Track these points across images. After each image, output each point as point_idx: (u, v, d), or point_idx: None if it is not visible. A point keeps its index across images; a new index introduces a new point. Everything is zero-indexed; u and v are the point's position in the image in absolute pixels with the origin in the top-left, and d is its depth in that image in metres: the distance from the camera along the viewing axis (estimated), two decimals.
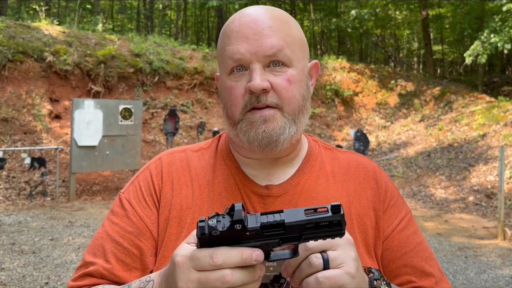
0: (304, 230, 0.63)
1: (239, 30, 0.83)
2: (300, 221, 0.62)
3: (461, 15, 20.45)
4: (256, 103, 0.82)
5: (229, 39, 0.84)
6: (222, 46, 0.87)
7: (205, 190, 0.91)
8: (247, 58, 0.82)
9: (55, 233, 6.17)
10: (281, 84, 0.82)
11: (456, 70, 25.45)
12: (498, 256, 5.86)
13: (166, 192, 0.91)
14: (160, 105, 12.08)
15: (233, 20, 0.86)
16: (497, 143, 10.50)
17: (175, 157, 0.96)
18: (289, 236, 0.63)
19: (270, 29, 0.83)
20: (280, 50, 0.82)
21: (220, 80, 0.91)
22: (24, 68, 10.34)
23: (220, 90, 0.91)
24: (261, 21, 0.83)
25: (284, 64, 0.83)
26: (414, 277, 0.89)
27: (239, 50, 0.82)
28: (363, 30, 20.44)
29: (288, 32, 0.85)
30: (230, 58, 0.83)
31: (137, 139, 9.17)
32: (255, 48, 0.81)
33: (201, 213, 0.88)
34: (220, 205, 0.88)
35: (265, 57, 0.82)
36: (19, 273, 4.73)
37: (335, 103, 15.18)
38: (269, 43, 0.81)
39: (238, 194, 0.89)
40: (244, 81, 0.83)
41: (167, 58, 12.61)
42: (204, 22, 28.29)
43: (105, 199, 8.65)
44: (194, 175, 0.93)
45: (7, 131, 9.51)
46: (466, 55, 12.97)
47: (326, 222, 0.63)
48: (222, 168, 0.93)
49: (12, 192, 8.35)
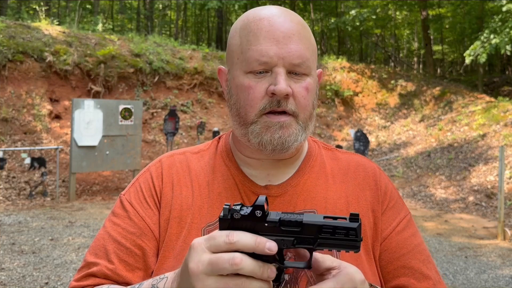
0: (320, 233, 0.65)
1: (269, 30, 0.82)
2: (317, 221, 0.65)
3: (461, 15, 20.45)
4: (276, 107, 0.82)
5: (257, 38, 0.83)
6: (245, 43, 0.84)
7: (204, 191, 0.91)
8: (273, 61, 0.81)
9: (55, 233, 6.17)
10: (300, 92, 0.83)
11: (456, 70, 25.46)
12: (498, 256, 5.86)
13: (166, 193, 0.91)
14: (160, 105, 12.08)
15: (260, 18, 0.85)
16: (497, 143, 10.50)
17: (175, 159, 0.96)
18: (304, 237, 0.65)
19: (299, 35, 0.83)
20: (305, 61, 0.83)
21: (231, 76, 0.88)
22: (24, 68, 10.34)
23: (230, 87, 0.89)
24: (290, 26, 0.83)
25: (305, 73, 0.84)
26: (412, 278, 0.89)
27: (268, 52, 0.81)
28: (363, 29, 20.45)
29: (311, 41, 0.86)
30: (256, 60, 0.82)
31: (137, 139, 9.17)
32: (283, 53, 0.81)
33: (201, 213, 0.88)
34: (220, 205, 0.89)
35: (291, 64, 0.82)
36: (19, 273, 4.73)
37: (335, 103, 15.18)
38: (297, 51, 0.82)
39: (237, 194, 0.90)
40: (266, 82, 0.82)
41: (167, 58, 12.61)
42: (204, 22, 28.28)
43: (105, 199, 8.65)
44: (194, 176, 0.93)
45: (7, 131, 9.50)
46: (466, 55, 12.97)
47: (343, 230, 0.65)
48: (222, 168, 0.93)
49: (12, 192, 8.35)
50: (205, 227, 0.87)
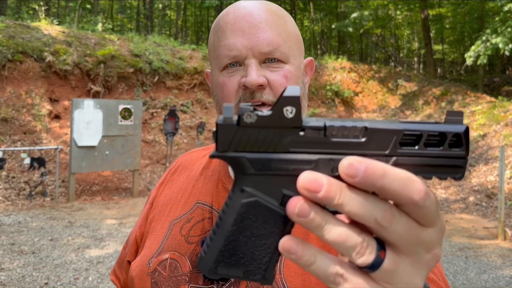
0: (399, 147, 0.37)
1: (234, 23, 0.80)
2: (393, 126, 0.37)
3: (462, 15, 20.44)
4: (250, 99, 0.78)
5: (224, 33, 0.80)
6: (215, 41, 0.82)
7: (189, 186, 0.92)
8: (243, 54, 0.78)
9: (55, 233, 6.16)
10: (278, 80, 0.79)
11: (457, 70, 25.44)
12: (499, 256, 5.85)
13: (157, 194, 0.98)
14: (160, 105, 12.07)
15: (227, 13, 0.82)
16: (497, 143, 10.48)
17: (185, 157, 1.03)
18: (371, 153, 0.37)
19: (267, 23, 0.79)
20: (276, 48, 0.78)
21: (211, 77, 0.87)
22: (23, 68, 10.33)
23: (212, 88, 0.88)
24: (257, 14, 0.80)
25: (281, 60, 0.80)
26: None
27: (235, 45, 0.78)
28: (363, 29, 20.43)
29: (284, 27, 0.82)
30: (225, 55, 0.79)
31: (136, 139, 9.16)
32: (251, 43, 0.78)
33: (176, 206, 0.89)
34: (193, 199, 0.88)
35: (261, 53, 0.78)
36: (18, 274, 4.72)
37: (335, 103, 15.17)
38: (266, 39, 0.78)
39: (211, 189, 0.88)
40: (238, 76, 0.79)
41: (167, 58, 12.60)
42: (204, 21, 28.27)
43: (105, 199, 8.64)
44: (190, 172, 0.96)
45: (6, 131, 9.49)
46: (467, 56, 12.95)
47: (438, 137, 0.37)
48: (214, 165, 0.93)
49: (11, 192, 8.34)
50: (173, 220, 0.87)
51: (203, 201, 0.87)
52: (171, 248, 0.83)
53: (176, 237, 0.84)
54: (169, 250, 0.82)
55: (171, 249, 0.82)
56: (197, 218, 0.85)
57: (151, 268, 0.82)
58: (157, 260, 0.82)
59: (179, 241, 0.83)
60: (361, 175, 0.33)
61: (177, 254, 0.81)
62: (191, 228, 0.84)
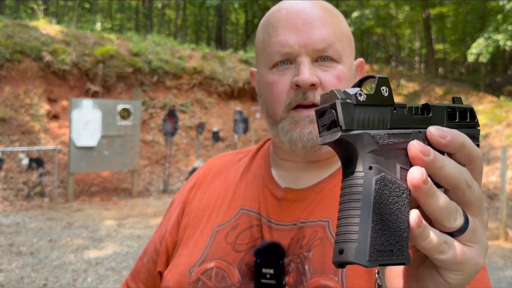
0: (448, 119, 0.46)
1: (287, 19, 0.77)
2: (440, 104, 0.46)
3: (463, 14, 20.42)
4: (302, 100, 0.75)
5: (276, 30, 0.78)
6: (266, 37, 0.80)
7: (229, 191, 0.87)
8: (295, 51, 0.76)
9: (54, 234, 6.13)
10: (330, 81, 0.76)
11: (458, 70, 25.43)
12: (500, 257, 5.81)
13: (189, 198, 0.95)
14: (159, 105, 12.03)
15: (279, 9, 0.80)
16: (499, 144, 10.45)
17: (214, 161, 0.98)
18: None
19: (321, 20, 0.77)
20: (330, 45, 0.76)
21: (259, 76, 0.84)
22: (22, 67, 10.28)
23: (258, 87, 0.84)
24: (310, 11, 0.78)
25: (333, 59, 0.77)
26: None
27: (287, 42, 0.76)
28: (363, 28, 20.42)
29: (338, 25, 0.80)
30: (276, 52, 0.77)
31: (135, 139, 9.13)
32: (304, 40, 0.75)
33: (218, 213, 0.85)
34: (237, 204, 0.84)
35: (314, 51, 0.76)
36: (17, 275, 4.69)
37: None
38: (320, 36, 0.76)
39: (256, 195, 0.84)
40: (289, 75, 0.77)
41: (166, 58, 12.56)
42: (203, 21, 28.24)
43: (104, 199, 8.61)
44: (225, 176, 0.91)
45: (5, 131, 9.46)
46: (468, 53, 12.94)
47: (464, 113, 0.47)
48: (255, 169, 0.89)
49: (10, 192, 8.31)
50: (216, 227, 0.83)
51: (249, 208, 0.83)
52: (216, 256, 0.79)
53: (221, 245, 0.80)
54: (214, 259, 0.79)
55: (217, 257, 0.79)
56: (243, 225, 0.81)
57: (193, 278, 0.78)
58: (200, 269, 0.78)
59: (225, 249, 0.79)
60: (450, 136, 0.40)
61: (224, 263, 0.78)
62: (238, 235, 0.80)
